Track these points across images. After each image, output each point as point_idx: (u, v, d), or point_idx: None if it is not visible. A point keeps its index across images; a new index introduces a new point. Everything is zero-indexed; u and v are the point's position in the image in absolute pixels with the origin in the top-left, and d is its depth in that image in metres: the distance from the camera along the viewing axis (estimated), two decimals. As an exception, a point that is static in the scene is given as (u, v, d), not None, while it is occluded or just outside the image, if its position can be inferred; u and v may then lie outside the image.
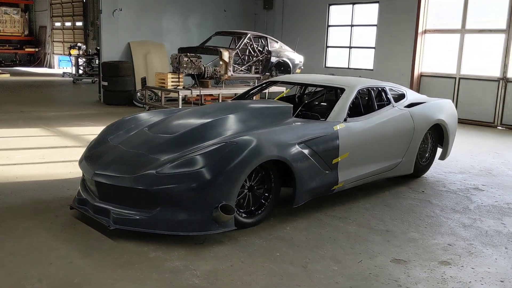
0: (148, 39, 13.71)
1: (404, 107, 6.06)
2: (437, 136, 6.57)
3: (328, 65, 14.52)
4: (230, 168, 4.02)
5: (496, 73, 11.35)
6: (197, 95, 11.23)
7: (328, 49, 14.50)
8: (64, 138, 8.23)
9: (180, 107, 10.77)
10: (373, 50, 13.29)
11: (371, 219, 4.85)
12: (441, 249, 4.17)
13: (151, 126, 4.94)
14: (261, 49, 12.33)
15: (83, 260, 3.71)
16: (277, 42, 12.59)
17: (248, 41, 11.84)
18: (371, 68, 13.35)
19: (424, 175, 6.54)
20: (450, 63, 12.09)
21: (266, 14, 15.86)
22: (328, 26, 14.37)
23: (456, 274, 3.71)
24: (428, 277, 3.64)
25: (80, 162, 4.77)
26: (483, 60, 11.69)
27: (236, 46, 12.19)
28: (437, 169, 6.85)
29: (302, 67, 13.05)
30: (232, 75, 11.51)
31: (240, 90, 12.42)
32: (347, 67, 14.00)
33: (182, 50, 11.97)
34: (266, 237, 4.26)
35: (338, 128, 5.03)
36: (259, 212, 4.47)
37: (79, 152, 7.18)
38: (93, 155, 4.65)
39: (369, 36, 13.40)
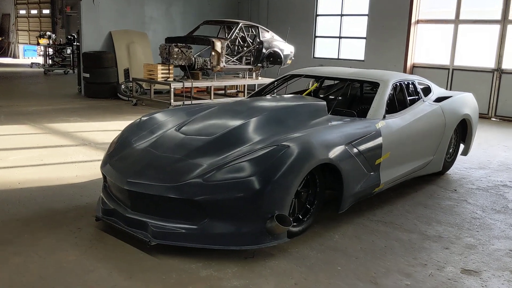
0: (130, 28, 13.02)
1: (433, 101, 5.79)
2: (460, 131, 6.35)
3: (316, 55, 14.20)
4: (284, 174, 3.62)
5: (491, 64, 11.30)
6: (183, 87, 10.71)
7: (317, 39, 14.16)
8: (56, 135, 7.60)
9: (172, 100, 10.25)
10: (364, 40, 13.04)
11: (417, 223, 4.55)
12: (505, 255, 3.91)
13: (180, 127, 4.48)
14: (252, 39, 11.90)
15: (128, 282, 3.26)
16: (268, 31, 12.18)
17: (239, 31, 11.38)
18: (362, 59, 13.10)
19: (447, 172, 6.32)
20: (443, 54, 11.97)
21: (251, 2, 15.37)
22: (317, 15, 14.03)
23: (536, 285, 3.45)
24: (509, 290, 3.37)
25: (103, 166, 4.27)
26: (477, 51, 11.60)
27: (226, 36, 11.73)
28: (456, 164, 6.63)
29: (293, 58, 12.70)
30: (224, 66, 11.04)
31: (231, 82, 12.02)
32: (336, 57, 13.72)
33: (169, 40, 11.39)
34: (318, 248, 3.90)
35: (380, 126, 4.70)
36: (305, 219, 4.10)
37: (77, 151, 6.66)
38: (119, 160, 4.15)
39: (360, 26, 13.14)
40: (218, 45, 10.78)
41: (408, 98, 5.45)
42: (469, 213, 4.89)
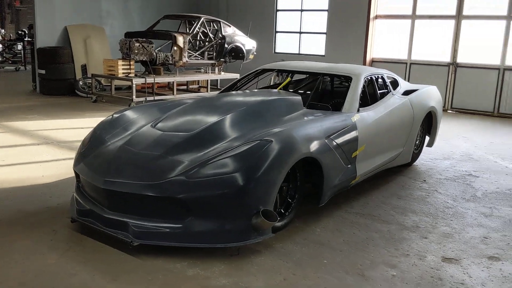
0: (87, 22, 12.63)
1: (401, 95, 5.91)
2: (426, 123, 6.51)
3: (277, 50, 14.23)
4: (268, 169, 3.58)
5: (446, 58, 11.66)
6: (146, 83, 10.49)
7: (277, 34, 14.19)
8: (16, 134, 7.27)
9: (134, 96, 10.02)
10: (325, 35, 13.17)
11: (394, 214, 4.64)
12: (481, 243, 4.04)
13: (155, 123, 4.36)
14: (214, 34, 11.80)
15: (113, 284, 3.14)
16: (230, 26, 12.11)
17: (201, 26, 11.25)
18: (323, 54, 13.24)
19: (415, 163, 6.47)
20: (401, 48, 12.25)
21: (210, -3, 15.23)
22: (277, 10, 14.04)
23: (513, 271, 3.58)
24: (490, 276, 3.47)
25: (76, 165, 4.11)
26: (433, 45, 11.93)
27: (187, 30, 11.60)
28: (422, 156, 6.79)
29: (255, 53, 12.69)
30: (187, 61, 10.89)
31: (194, 78, 11.88)
32: (297, 52, 13.80)
33: (129, 34, 11.13)
34: (302, 242, 3.90)
35: (355, 119, 4.75)
36: (287, 213, 4.09)
37: (41, 151, 6.39)
38: (94, 158, 4.00)
39: (320, 21, 13.25)
40: (180, 39, 10.61)
41: (378, 92, 5.53)
42: (441, 202, 5.02)
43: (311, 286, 3.24)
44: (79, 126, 8.06)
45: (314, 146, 4.02)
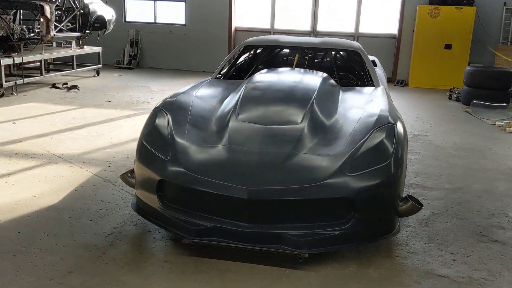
0: None
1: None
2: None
3: (128, 19, 13.07)
4: (404, 153, 3.51)
5: (307, 27, 12.41)
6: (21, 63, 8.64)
7: (127, 1, 12.99)
8: None
9: (3, 81, 8.18)
10: (184, 3, 12.60)
11: (426, 180, 4.96)
12: (520, 194, 4.67)
13: (236, 116, 3.74)
14: (73, 2, 10.27)
15: (334, 307, 2.75)
16: (88, -7, 10.65)
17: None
18: (183, 23, 12.69)
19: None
20: (264, 17, 12.55)
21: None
22: (124, -26, 12.83)
23: None
24: None
25: (171, 176, 3.28)
26: (295, 15, 12.52)
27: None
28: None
29: (114, 23, 11.49)
30: (55, 35, 9.27)
31: (62, 54, 10.26)
32: (153, 21, 12.91)
33: (-32, 2, 8.88)
34: (410, 224, 3.94)
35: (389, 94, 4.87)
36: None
37: None
38: (202, 166, 3.27)
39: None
40: (47, 9, 8.92)
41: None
42: (439, 162, 5.56)
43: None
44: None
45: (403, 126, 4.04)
